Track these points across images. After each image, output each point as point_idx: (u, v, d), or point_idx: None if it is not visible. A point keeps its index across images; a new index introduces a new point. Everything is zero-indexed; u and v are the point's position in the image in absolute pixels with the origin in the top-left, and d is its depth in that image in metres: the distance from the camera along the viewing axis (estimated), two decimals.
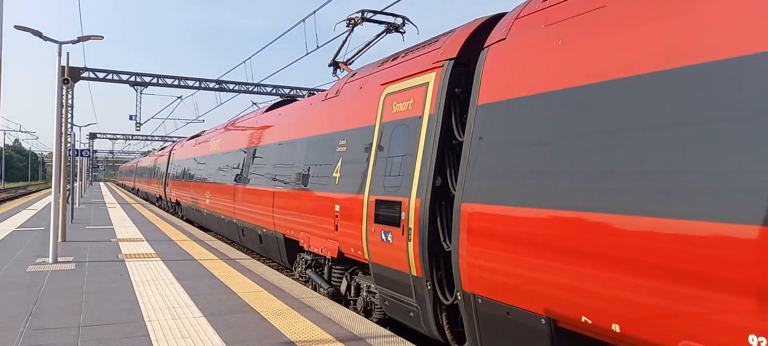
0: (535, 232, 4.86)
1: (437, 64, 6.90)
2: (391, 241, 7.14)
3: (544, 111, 5.04)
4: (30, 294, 8.36)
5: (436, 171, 6.49)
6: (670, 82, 3.91)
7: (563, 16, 5.21)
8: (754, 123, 3.36)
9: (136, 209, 29.22)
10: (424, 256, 6.47)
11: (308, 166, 10.42)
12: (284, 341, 6.20)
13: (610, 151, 4.27)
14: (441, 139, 6.51)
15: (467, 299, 5.79)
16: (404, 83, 7.55)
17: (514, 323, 5.20)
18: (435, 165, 6.48)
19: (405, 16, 10.73)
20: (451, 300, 6.41)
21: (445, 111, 6.55)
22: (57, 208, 11.65)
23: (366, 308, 8.61)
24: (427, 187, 6.52)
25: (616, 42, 4.50)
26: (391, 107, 7.76)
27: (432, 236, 6.44)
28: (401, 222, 6.89)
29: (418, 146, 6.82)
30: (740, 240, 3.35)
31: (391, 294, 7.48)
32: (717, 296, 3.47)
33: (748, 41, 3.49)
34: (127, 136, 75.42)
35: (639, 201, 3.95)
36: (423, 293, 6.64)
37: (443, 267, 6.51)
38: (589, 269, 4.29)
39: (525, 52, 5.51)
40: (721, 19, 3.70)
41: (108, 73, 29.24)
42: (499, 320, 5.40)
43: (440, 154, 6.51)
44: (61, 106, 12.37)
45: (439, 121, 6.54)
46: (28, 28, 11.89)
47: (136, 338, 6.23)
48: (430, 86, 6.88)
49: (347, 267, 9.21)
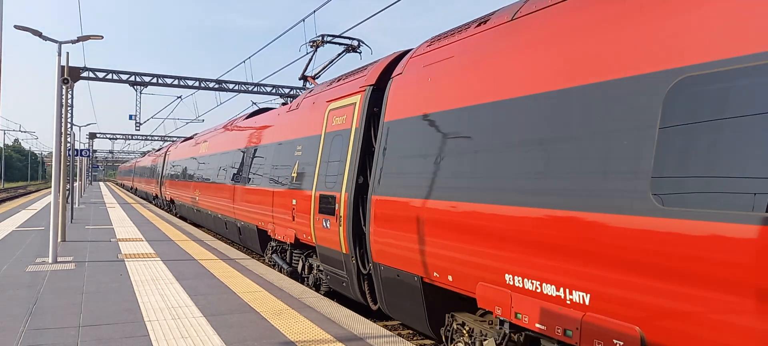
0: (409, 215, 6.83)
1: (362, 88, 8.81)
2: (329, 227, 9.03)
3: (415, 129, 7.09)
4: (30, 294, 8.36)
5: (358, 171, 8.37)
6: (476, 114, 6.01)
7: (432, 60, 7.21)
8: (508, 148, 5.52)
9: (135, 209, 29.22)
10: (350, 237, 8.36)
11: (275, 167, 12.35)
12: (284, 341, 6.20)
13: (450, 159, 6.29)
14: (362, 147, 8.42)
15: (375, 268, 7.86)
16: (341, 102, 9.49)
17: (401, 282, 7.29)
18: (358, 167, 8.38)
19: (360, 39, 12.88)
20: (367, 270, 8.35)
21: (366, 125, 8.47)
22: (57, 208, 11.64)
23: (316, 284, 10.55)
24: (352, 184, 8.41)
25: (454, 82, 6.57)
26: (332, 120, 9.67)
27: (356, 222, 8.32)
28: (336, 212, 8.74)
29: (348, 152, 8.73)
30: (504, 216, 5.35)
31: (330, 269, 9.43)
32: (490, 251, 5.52)
33: (518, 88, 5.49)
34: (127, 136, 75.36)
35: (460, 194, 6.00)
36: (350, 267, 8.58)
37: (363, 246, 8.33)
38: (443, 241, 6.27)
39: (410, 85, 7.53)
40: (503, 77, 5.76)
41: (108, 73, 29.23)
42: (393, 281, 7.47)
43: (362, 159, 8.41)
44: (60, 106, 12.36)
45: (362, 133, 8.48)
46: (28, 28, 11.89)
47: (136, 338, 6.23)
48: (357, 105, 8.80)
49: (303, 251, 11.21)
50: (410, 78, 7.57)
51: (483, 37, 6.43)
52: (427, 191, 6.58)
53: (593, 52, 4.80)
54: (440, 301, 6.87)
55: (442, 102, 6.66)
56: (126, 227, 19.33)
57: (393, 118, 7.67)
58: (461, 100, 6.31)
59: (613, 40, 4.66)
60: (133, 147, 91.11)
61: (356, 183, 8.36)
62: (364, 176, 8.34)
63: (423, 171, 6.72)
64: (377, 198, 7.59)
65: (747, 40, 3.57)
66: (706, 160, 3.74)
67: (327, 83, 11.05)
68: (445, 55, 6.96)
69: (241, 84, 31.49)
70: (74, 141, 22.71)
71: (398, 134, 7.46)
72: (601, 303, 4.38)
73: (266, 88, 32.13)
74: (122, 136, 75.33)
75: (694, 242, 3.75)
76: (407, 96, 7.49)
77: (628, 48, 4.48)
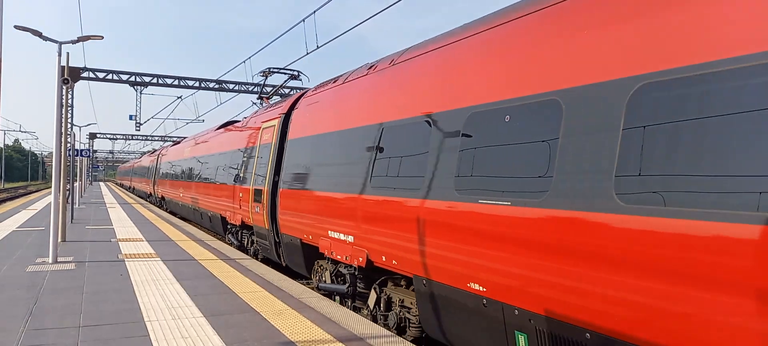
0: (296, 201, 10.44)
1: (279, 115, 12.62)
2: (259, 212, 12.78)
3: (301, 145, 10.74)
4: (30, 294, 8.36)
5: (274, 173, 12.03)
6: (325, 139, 9.65)
7: (312, 102, 10.94)
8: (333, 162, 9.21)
9: (135, 209, 29.22)
10: (269, 218, 12.08)
11: (231, 169, 16.29)
12: (284, 341, 6.20)
13: (316, 165, 9.78)
14: (278, 156, 12.10)
15: (282, 237, 11.48)
16: (268, 123, 13.39)
17: (293, 244, 10.88)
18: (274, 169, 12.06)
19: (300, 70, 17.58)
20: (279, 239, 11.80)
21: (280, 141, 12.15)
22: (57, 208, 11.64)
23: (256, 253, 14.41)
24: (271, 181, 12.08)
25: (318, 117, 10.28)
26: (263, 136, 13.54)
27: (272, 207, 11.96)
28: (262, 201, 12.46)
29: (270, 159, 12.43)
30: (349, 198, 8.36)
31: (261, 241, 13.15)
32: (326, 218, 9.08)
33: (348, 123, 8.95)
34: (127, 137, 75.38)
35: (319, 186, 9.44)
36: (271, 238, 12.21)
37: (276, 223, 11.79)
38: (307, 215, 9.85)
39: (299, 116, 11.30)
40: (340, 115, 9.37)
41: (108, 73, 29.24)
42: (289, 244, 11.12)
43: (277, 164, 12.03)
44: (61, 106, 12.36)
45: (277, 146, 12.17)
46: (28, 28, 11.88)
47: (136, 339, 6.23)
48: (275, 127, 12.58)
49: (248, 232, 14.82)
50: (300, 112, 11.36)
51: (336, 89, 10.04)
52: (305, 184, 10.13)
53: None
54: (310, 253, 10.36)
55: (314, 129, 10.30)
56: (126, 227, 19.34)
57: (291, 137, 11.49)
58: (323, 128, 9.86)
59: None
60: (134, 147, 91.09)
61: (273, 181, 11.99)
62: (278, 176, 11.84)
63: (304, 172, 10.27)
64: (281, 190, 11.35)
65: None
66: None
67: (265, 107, 15.48)
68: (317, 100, 10.70)
69: (242, 84, 31.49)
70: (74, 141, 22.70)
71: (293, 148, 11.17)
72: (365, 244, 7.84)
73: (266, 88, 32.08)
74: (122, 136, 75.35)
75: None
76: (297, 123, 11.26)
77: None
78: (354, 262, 8.11)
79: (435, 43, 7.31)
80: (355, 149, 8.36)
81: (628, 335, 4.02)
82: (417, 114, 6.93)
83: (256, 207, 12.88)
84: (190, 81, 30.73)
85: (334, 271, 9.25)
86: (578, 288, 4.36)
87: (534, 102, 5.08)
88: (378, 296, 8.14)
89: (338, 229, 8.55)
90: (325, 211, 9.04)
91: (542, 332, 4.80)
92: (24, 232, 16.85)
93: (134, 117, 37.71)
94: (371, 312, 8.37)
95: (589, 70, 4.61)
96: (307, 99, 11.21)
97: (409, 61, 7.69)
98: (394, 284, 8.00)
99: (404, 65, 7.77)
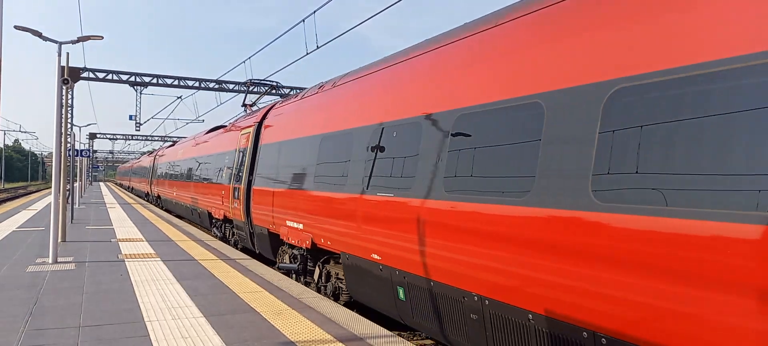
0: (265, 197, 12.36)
1: (253, 123, 14.58)
2: (237, 206, 14.84)
3: (269, 150, 12.70)
4: (30, 294, 8.37)
5: (249, 173, 14.03)
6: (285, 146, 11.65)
7: (279, 112, 13.02)
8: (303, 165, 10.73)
9: (135, 209, 29.22)
10: (245, 212, 14.06)
11: (216, 169, 18.26)
12: (284, 341, 6.20)
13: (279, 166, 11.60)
14: (252, 159, 14.05)
15: (254, 228, 13.45)
16: (245, 130, 15.32)
17: (262, 234, 12.74)
18: (248, 170, 14.05)
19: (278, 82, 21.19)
20: (252, 230, 13.66)
21: (254, 146, 14.13)
22: (57, 208, 11.64)
23: (236, 244, 16.34)
24: (246, 180, 14.10)
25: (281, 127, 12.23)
26: (241, 141, 15.54)
27: (247, 202, 13.88)
28: (239, 196, 14.57)
29: (246, 161, 14.38)
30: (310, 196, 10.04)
31: (239, 232, 15.11)
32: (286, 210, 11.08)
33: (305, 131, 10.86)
34: (127, 137, 75.37)
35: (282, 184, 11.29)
36: (246, 230, 14.16)
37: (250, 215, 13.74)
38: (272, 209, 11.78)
39: (268, 125, 13.33)
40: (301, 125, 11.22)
41: (108, 73, 29.23)
42: (259, 234, 13.05)
43: (251, 165, 14.00)
44: (61, 106, 12.37)
45: (252, 150, 14.15)
46: (28, 28, 11.88)
47: (136, 339, 6.23)
48: (251, 133, 14.50)
49: (230, 225, 16.77)
50: (269, 121, 13.47)
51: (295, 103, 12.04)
52: (270, 183, 12.08)
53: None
54: (275, 241, 12.22)
55: (277, 136, 12.31)
56: (126, 227, 19.34)
57: (261, 143, 13.51)
58: (284, 136, 11.81)
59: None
60: (134, 147, 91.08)
61: (248, 180, 14.04)
62: (252, 176, 13.84)
63: (271, 173, 12.15)
64: (254, 188, 13.39)
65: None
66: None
67: (245, 115, 17.68)
68: (281, 112, 12.82)
69: (242, 84, 31.47)
70: (74, 141, 22.70)
71: (263, 152, 13.20)
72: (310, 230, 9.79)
73: (266, 88, 32.07)
74: (122, 136, 75.35)
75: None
76: (267, 131, 13.33)
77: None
78: (303, 245, 10.12)
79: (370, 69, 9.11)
80: (306, 154, 10.34)
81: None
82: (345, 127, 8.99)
83: (234, 203, 15.11)
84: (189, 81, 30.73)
85: (291, 253, 11.27)
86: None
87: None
88: (321, 272, 10.11)
89: (293, 219, 10.60)
90: (285, 204, 11.05)
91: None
92: (24, 232, 16.85)
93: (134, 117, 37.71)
94: (317, 285, 10.30)
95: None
96: (275, 110, 13.45)
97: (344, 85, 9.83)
98: (334, 262, 9.73)
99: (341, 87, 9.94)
